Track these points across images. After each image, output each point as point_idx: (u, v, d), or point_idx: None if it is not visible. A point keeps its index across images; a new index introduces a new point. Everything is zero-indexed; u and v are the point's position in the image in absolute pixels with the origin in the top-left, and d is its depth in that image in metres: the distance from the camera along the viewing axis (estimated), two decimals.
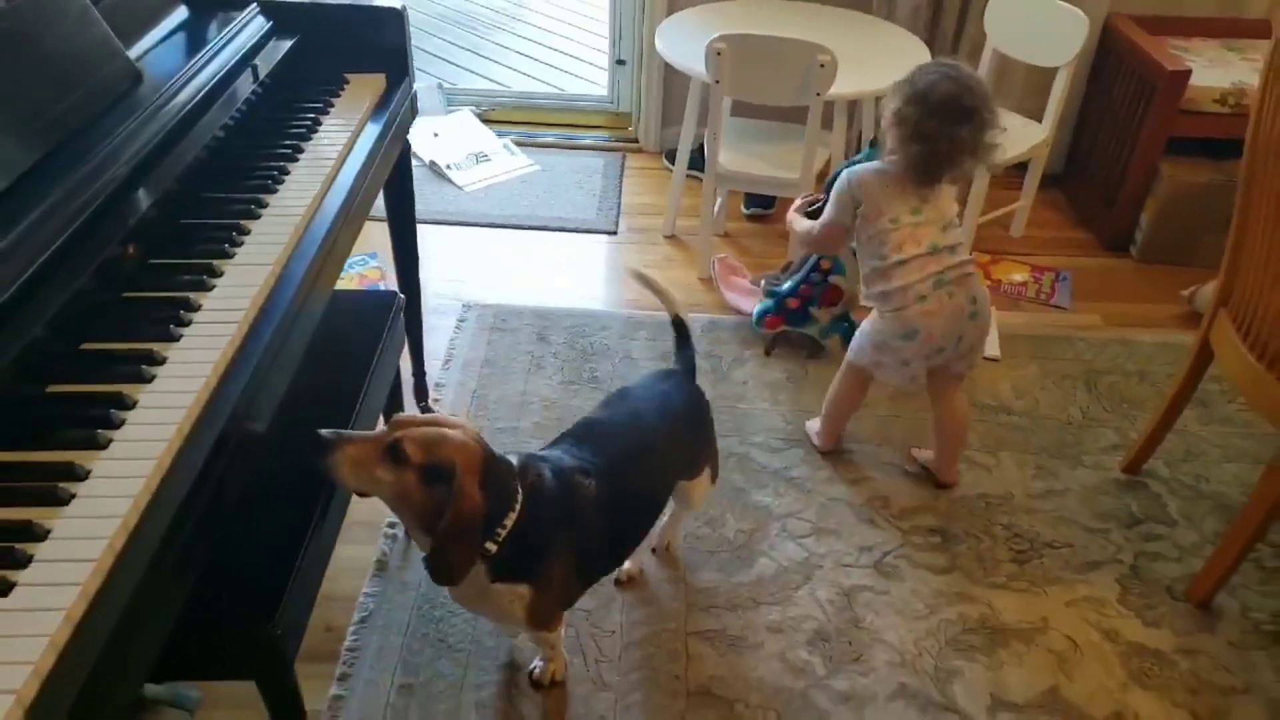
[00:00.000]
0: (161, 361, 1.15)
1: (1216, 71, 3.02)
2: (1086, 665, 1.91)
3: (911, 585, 2.05)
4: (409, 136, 1.87)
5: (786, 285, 2.44)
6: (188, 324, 1.21)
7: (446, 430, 1.37)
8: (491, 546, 1.42)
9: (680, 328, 1.90)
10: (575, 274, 3.06)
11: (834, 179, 2.14)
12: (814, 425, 2.40)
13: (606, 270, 3.13)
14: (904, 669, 1.88)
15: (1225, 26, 3.25)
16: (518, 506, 1.44)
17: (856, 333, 2.21)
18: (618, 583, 2.02)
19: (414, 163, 3.53)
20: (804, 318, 2.44)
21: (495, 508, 1.40)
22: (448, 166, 3.49)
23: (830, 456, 2.37)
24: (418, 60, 4.72)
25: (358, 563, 2.03)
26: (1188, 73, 2.92)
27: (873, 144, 2.18)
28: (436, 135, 3.65)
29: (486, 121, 3.83)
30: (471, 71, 4.75)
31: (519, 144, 3.71)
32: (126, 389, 1.10)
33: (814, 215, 2.19)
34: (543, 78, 4.72)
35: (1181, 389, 2.22)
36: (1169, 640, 1.96)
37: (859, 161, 2.12)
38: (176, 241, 1.37)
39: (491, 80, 4.68)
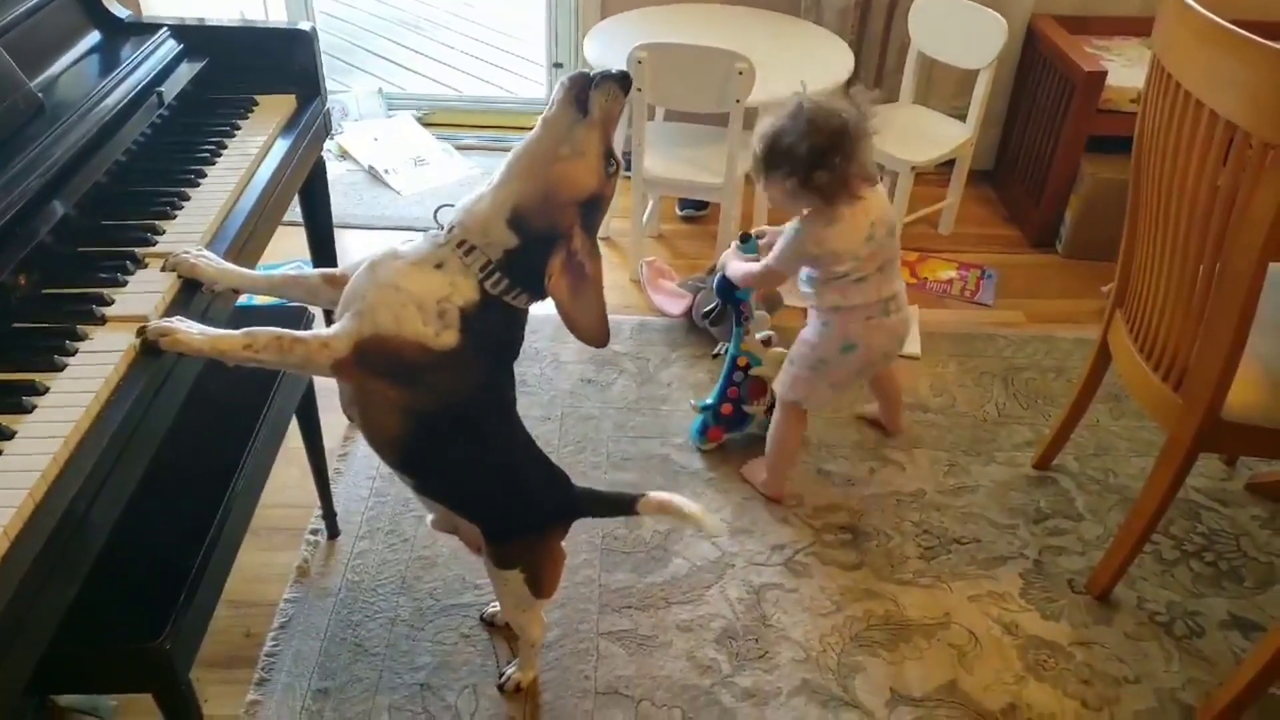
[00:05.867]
0: (44, 391, 1.19)
1: (1135, 71, 3.08)
2: (985, 658, 1.97)
3: (820, 582, 2.12)
4: (348, 142, 1.86)
5: (712, 396, 2.41)
6: (73, 354, 1.25)
7: None
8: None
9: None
10: None
11: (751, 235, 2.25)
12: (755, 472, 2.36)
13: None
14: (807, 665, 1.94)
15: (1146, 25, 3.27)
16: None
17: (784, 365, 2.20)
18: (491, 624, 1.99)
19: (353, 168, 3.58)
20: (742, 419, 2.41)
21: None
22: (386, 171, 3.52)
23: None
24: (362, 62, 4.78)
25: (279, 569, 2.07)
26: (1104, 73, 2.99)
27: (744, 239, 2.24)
28: (376, 140, 3.68)
29: (427, 125, 3.86)
30: (415, 73, 4.78)
31: (460, 148, 3.74)
32: (4, 419, 1.14)
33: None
34: (488, 78, 4.76)
35: (1085, 388, 2.28)
36: (1066, 633, 2.03)
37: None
38: (71, 269, 1.40)
39: (436, 81, 4.71)
